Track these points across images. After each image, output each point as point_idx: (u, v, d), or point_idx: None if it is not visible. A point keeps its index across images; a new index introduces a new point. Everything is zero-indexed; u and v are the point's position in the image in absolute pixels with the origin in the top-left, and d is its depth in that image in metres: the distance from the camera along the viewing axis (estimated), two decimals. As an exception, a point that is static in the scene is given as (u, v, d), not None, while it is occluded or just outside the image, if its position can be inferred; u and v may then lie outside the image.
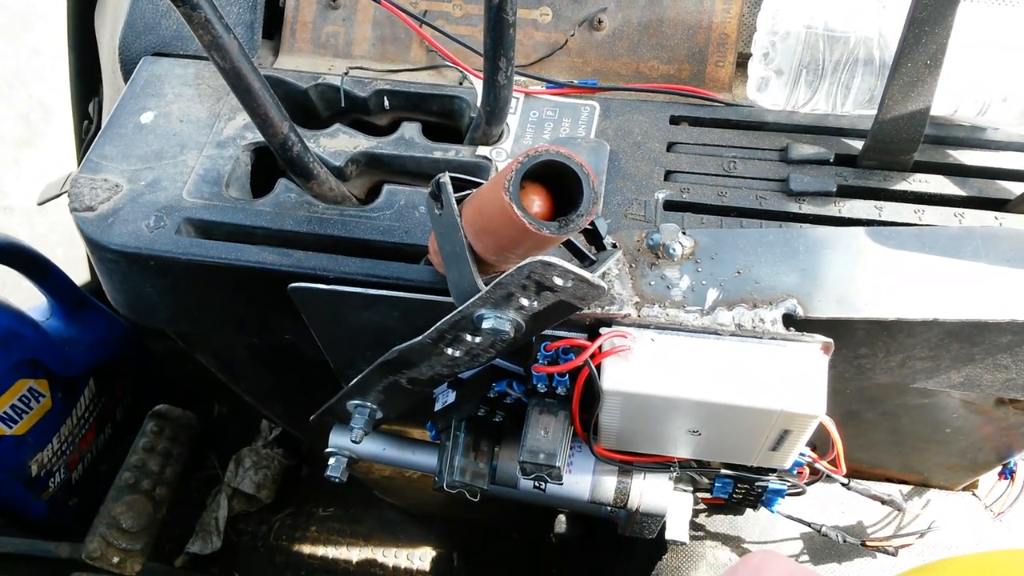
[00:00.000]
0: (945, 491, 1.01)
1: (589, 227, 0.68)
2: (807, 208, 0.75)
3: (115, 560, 1.27)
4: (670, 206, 0.76)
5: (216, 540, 1.52)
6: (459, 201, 0.61)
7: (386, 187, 0.77)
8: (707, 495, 0.94)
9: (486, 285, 0.59)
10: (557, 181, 0.57)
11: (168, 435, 1.41)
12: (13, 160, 2.36)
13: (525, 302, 0.59)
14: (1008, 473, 0.95)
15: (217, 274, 0.73)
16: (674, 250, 0.70)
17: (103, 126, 0.81)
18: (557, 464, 0.70)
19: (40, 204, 1.41)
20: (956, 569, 0.73)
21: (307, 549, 1.57)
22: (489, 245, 0.59)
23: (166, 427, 1.43)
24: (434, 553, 1.56)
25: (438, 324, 0.65)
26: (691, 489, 0.91)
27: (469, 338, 0.66)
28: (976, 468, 0.97)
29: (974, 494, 1.02)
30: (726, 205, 0.75)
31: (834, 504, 0.98)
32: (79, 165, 1.44)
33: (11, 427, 1.27)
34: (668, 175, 0.77)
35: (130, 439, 1.49)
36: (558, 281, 0.56)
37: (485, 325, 0.61)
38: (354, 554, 1.56)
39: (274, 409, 1.07)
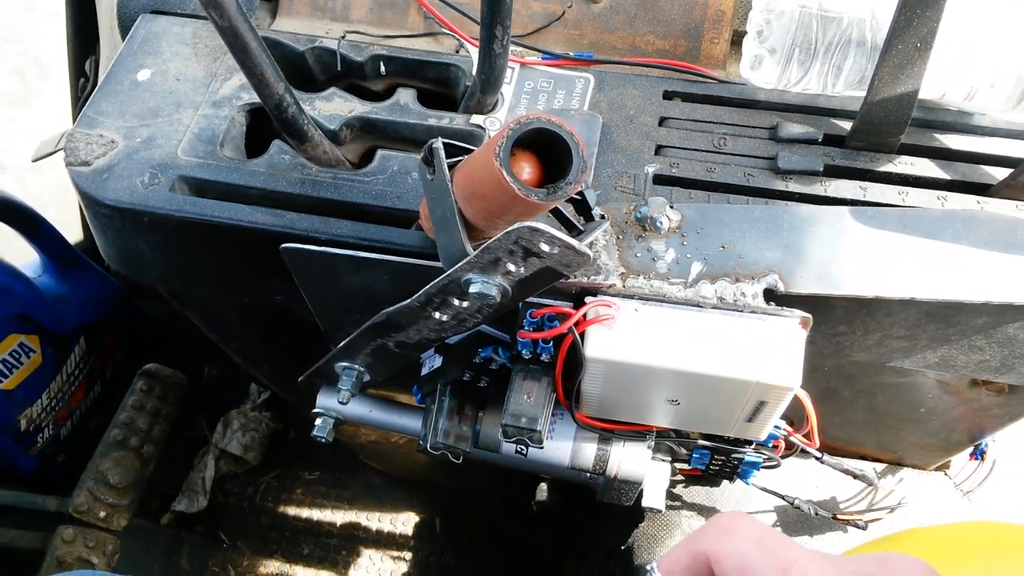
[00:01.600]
0: (918, 470, 1.03)
1: (578, 197, 0.69)
2: (793, 186, 0.76)
3: (102, 515, 1.28)
4: (659, 180, 0.77)
5: (202, 499, 1.54)
6: (451, 167, 0.62)
7: (380, 152, 0.78)
8: (685, 466, 0.97)
9: (475, 250, 0.61)
10: (547, 149, 0.58)
11: (157, 394, 1.43)
12: (8, 117, 2.35)
13: (512, 267, 0.61)
14: (979, 454, 0.97)
15: (210, 232, 0.74)
16: (661, 223, 0.72)
17: (100, 82, 0.81)
18: (538, 428, 0.72)
19: (35, 161, 1.41)
20: (921, 539, 0.76)
21: (292, 511, 1.59)
22: (479, 210, 0.60)
23: (155, 386, 1.44)
24: (417, 518, 1.58)
25: (426, 288, 0.66)
26: (669, 459, 0.93)
27: (456, 302, 0.67)
28: (949, 448, 1.00)
29: (946, 474, 1.04)
30: (714, 181, 0.76)
31: (808, 479, 1.00)
32: (74, 123, 1.44)
33: (1, 381, 1.28)
34: (659, 149, 0.78)
35: (119, 398, 1.50)
36: (544, 247, 0.57)
37: (472, 289, 0.63)
38: (338, 517, 1.59)
39: (263, 370, 1.08)
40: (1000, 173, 0.77)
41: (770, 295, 0.69)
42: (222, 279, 0.82)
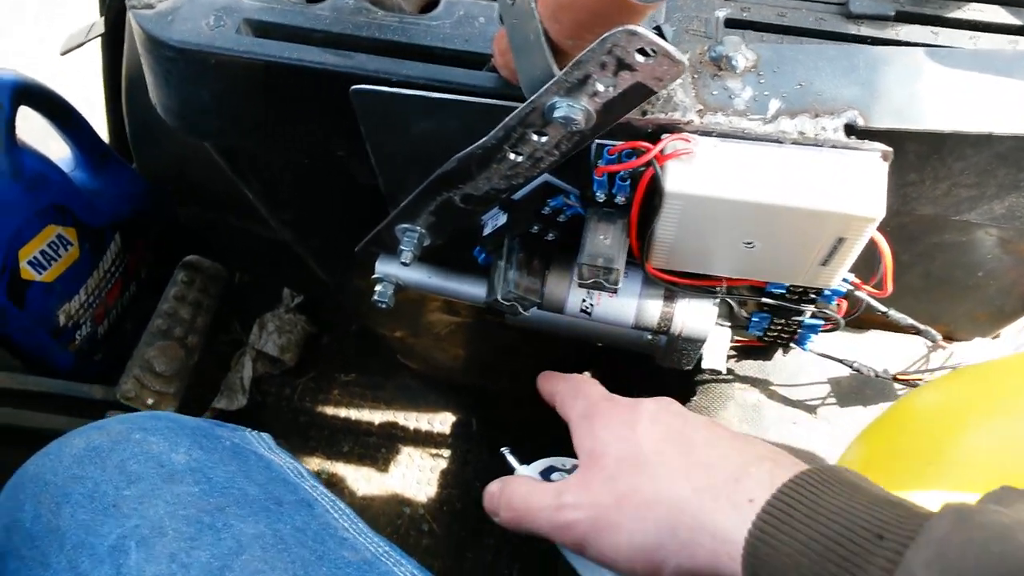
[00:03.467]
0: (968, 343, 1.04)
1: (655, 31, 0.68)
2: (865, 30, 0.75)
3: (149, 401, 1.30)
4: (731, 24, 0.75)
5: (242, 398, 1.55)
6: (533, -11, 0.61)
7: (444, -1, 0.77)
8: (740, 338, 0.97)
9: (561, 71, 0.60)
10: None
11: (199, 286, 1.43)
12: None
13: (600, 87, 0.60)
14: (1032, 320, 0.98)
15: (276, 76, 0.73)
16: (736, 62, 0.71)
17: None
18: (616, 267, 0.72)
19: (63, 54, 1.38)
20: (981, 372, 0.76)
21: (330, 411, 1.61)
22: (566, 25, 0.59)
23: (196, 278, 1.44)
24: (453, 418, 1.60)
25: (505, 120, 0.66)
26: (728, 324, 0.93)
27: (535, 138, 0.66)
28: (1002, 318, 1.00)
29: (996, 345, 1.05)
30: (786, 24, 0.75)
31: (860, 344, 1.01)
32: (102, 13, 1.40)
33: (40, 273, 1.28)
34: (729, -6, 0.77)
35: (153, 300, 1.51)
36: (639, 58, 0.56)
37: (557, 114, 0.62)
38: (376, 417, 1.61)
39: (312, 244, 1.08)
40: (1077, 16, 0.75)
41: (850, 130, 0.69)
42: (284, 132, 0.81)
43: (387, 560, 0.64)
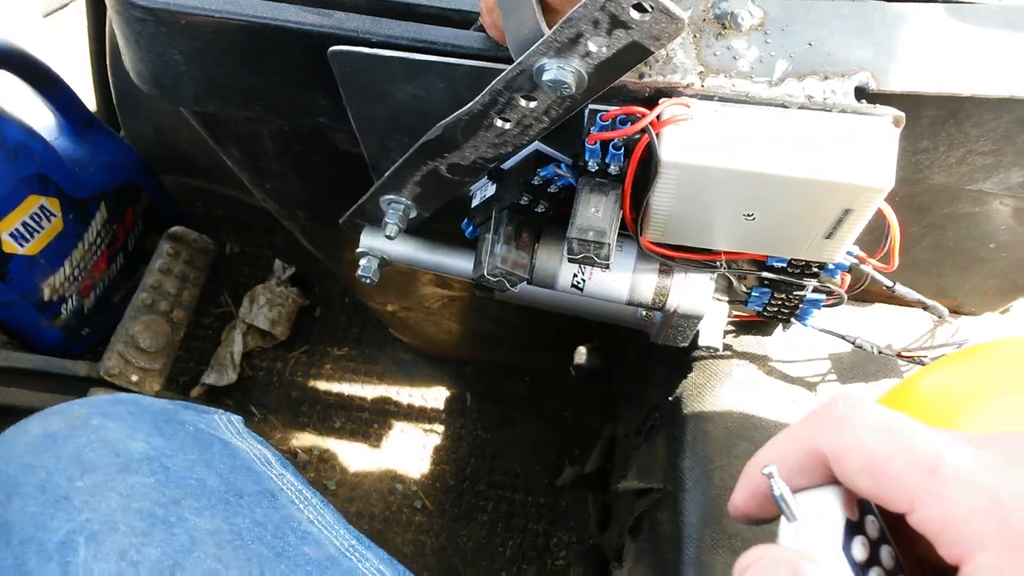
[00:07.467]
0: (976, 317, 1.01)
1: (653, -13, 0.64)
2: (882, -13, 0.71)
3: (134, 378, 1.27)
4: (736, -21, 0.71)
5: (232, 373, 1.52)
6: (522, -60, 0.57)
7: (429, -47, 0.72)
8: (740, 312, 0.94)
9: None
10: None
11: (184, 258, 1.39)
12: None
13: (593, 47, 0.56)
14: (1045, 295, 0.94)
15: (250, 37, 0.69)
16: (742, 19, 0.66)
17: None
18: (606, 241, 0.68)
19: (47, 16, 1.34)
20: (991, 351, 0.73)
21: (322, 385, 1.58)
22: (558, -21, 0.55)
23: (182, 250, 1.40)
24: (448, 393, 1.57)
25: (491, 85, 0.62)
26: (726, 299, 0.90)
27: (523, 103, 0.62)
28: (1013, 292, 0.96)
29: (1005, 322, 1.02)
30: (796, -19, 0.71)
31: (864, 319, 0.97)
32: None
33: (23, 246, 1.25)
34: (734, -52, 0.72)
35: (143, 271, 1.47)
36: (635, 15, 0.52)
37: (546, 77, 0.58)
38: (368, 391, 1.58)
39: (297, 217, 1.04)
40: (1107, -29, 0.71)
41: (861, 93, 0.64)
42: (262, 96, 0.77)
43: (352, 556, 0.61)
